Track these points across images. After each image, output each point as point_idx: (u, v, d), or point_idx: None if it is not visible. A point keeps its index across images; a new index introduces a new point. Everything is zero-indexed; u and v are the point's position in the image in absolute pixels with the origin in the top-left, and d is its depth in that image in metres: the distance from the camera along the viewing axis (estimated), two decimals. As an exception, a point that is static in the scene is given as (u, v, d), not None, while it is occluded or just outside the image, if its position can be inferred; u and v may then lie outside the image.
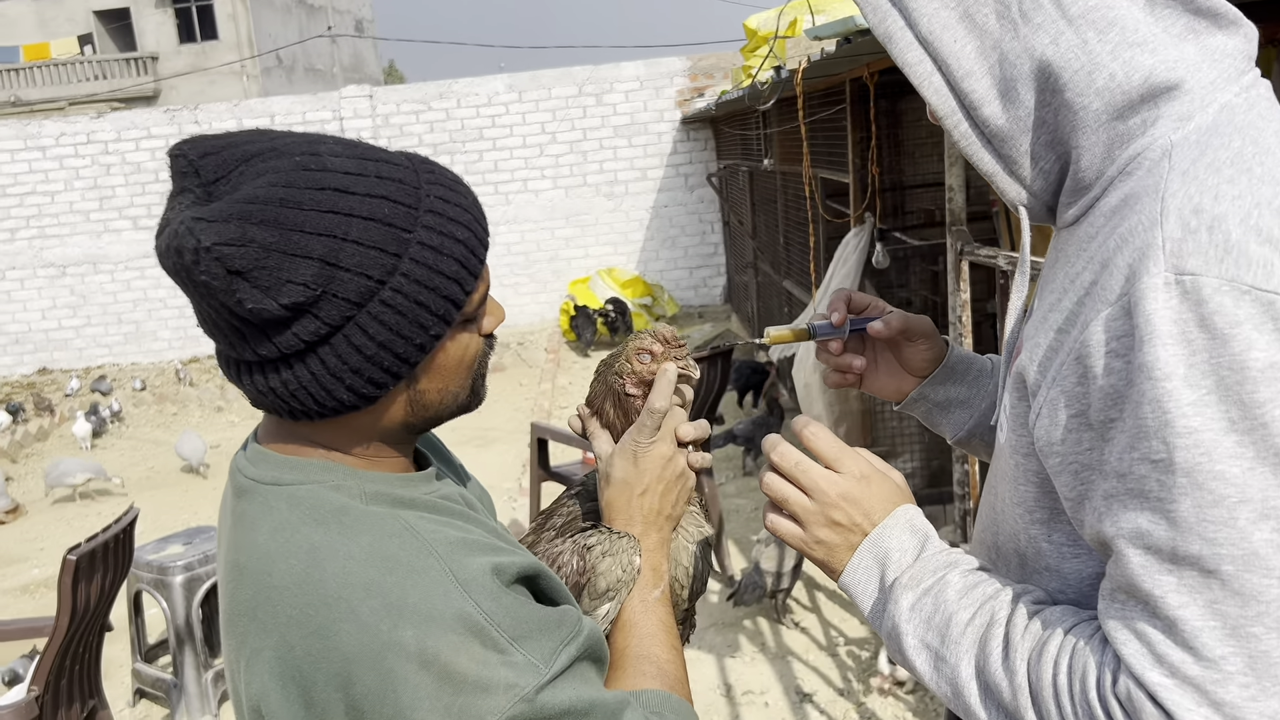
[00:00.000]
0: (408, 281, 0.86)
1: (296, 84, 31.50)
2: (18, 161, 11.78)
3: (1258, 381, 0.71)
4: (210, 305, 0.85)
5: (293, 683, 0.83)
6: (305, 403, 0.89)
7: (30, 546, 6.35)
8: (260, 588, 0.86)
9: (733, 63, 11.26)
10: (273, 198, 0.82)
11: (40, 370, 12.17)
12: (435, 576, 0.84)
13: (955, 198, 3.33)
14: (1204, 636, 0.73)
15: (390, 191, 0.87)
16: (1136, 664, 0.76)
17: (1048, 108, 0.86)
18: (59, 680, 2.90)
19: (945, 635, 0.90)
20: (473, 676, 0.80)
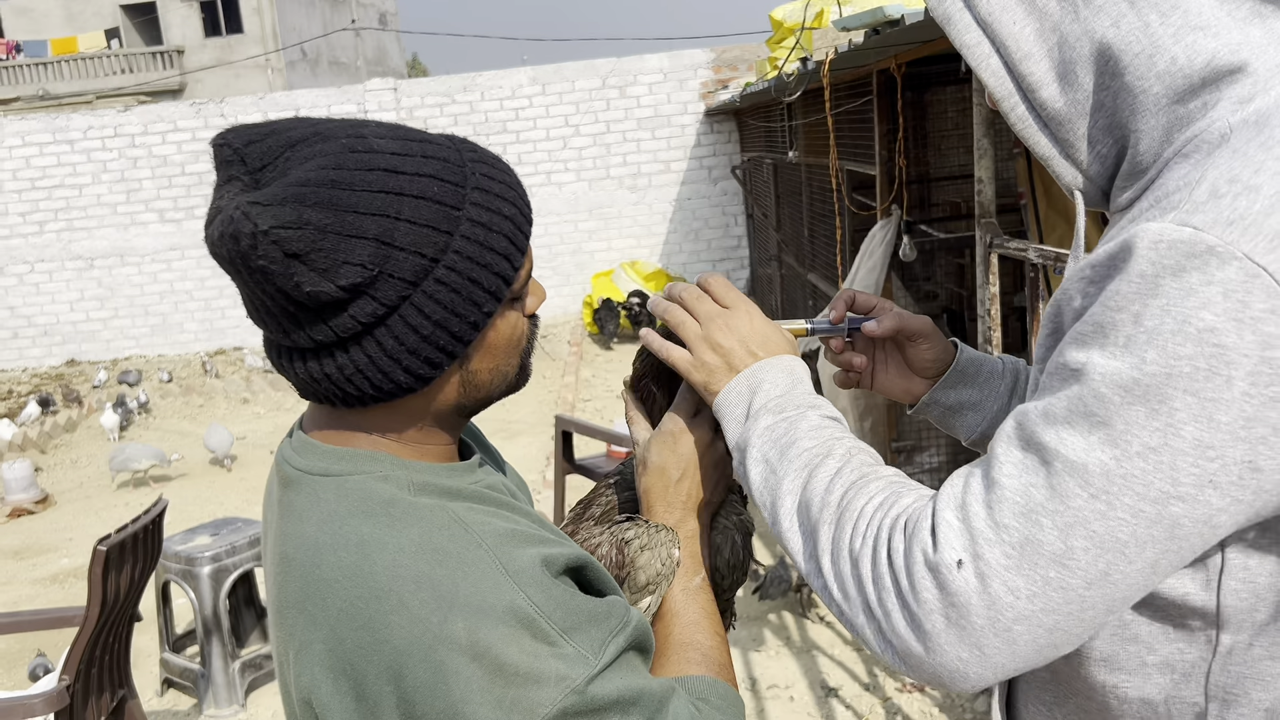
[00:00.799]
0: (460, 259, 0.87)
1: (321, 77, 31.64)
2: (46, 155, 11.89)
3: (1187, 339, 0.71)
4: (265, 291, 0.85)
5: (344, 676, 0.83)
6: (361, 387, 0.89)
7: (59, 536, 6.42)
8: (309, 580, 0.86)
9: (757, 54, 11.21)
10: (324, 180, 0.83)
11: (69, 362, 12.29)
12: (485, 569, 0.84)
13: (985, 190, 3.30)
14: (1005, 505, 0.77)
15: (437, 170, 0.87)
16: (943, 498, 0.82)
17: (1107, 91, 0.85)
18: (89, 669, 2.92)
19: (785, 453, 0.94)
20: (524, 668, 0.80)
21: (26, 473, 6.97)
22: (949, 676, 0.80)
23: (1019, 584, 0.76)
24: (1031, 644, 0.78)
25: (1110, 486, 0.74)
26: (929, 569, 0.79)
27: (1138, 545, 0.75)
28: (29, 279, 12.18)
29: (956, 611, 0.78)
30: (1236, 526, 0.76)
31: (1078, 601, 0.76)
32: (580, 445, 5.22)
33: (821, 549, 0.88)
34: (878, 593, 0.82)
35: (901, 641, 0.81)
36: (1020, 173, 4.58)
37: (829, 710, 3.53)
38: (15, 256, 12.10)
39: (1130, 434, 0.73)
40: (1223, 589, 0.83)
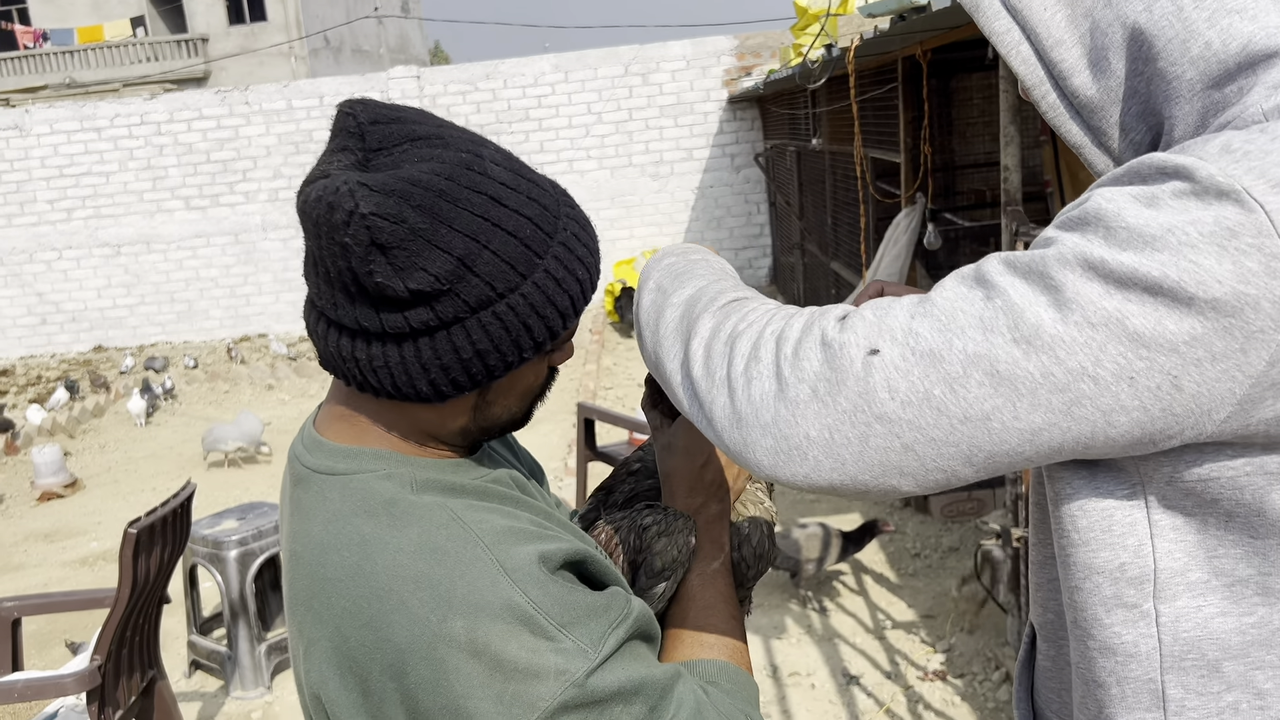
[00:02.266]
0: (524, 303, 0.89)
1: (344, 65, 31.72)
2: (74, 142, 11.99)
3: (1165, 246, 0.70)
4: (336, 264, 0.86)
5: (349, 673, 0.86)
6: (382, 381, 0.90)
7: (88, 520, 6.50)
8: (314, 579, 0.89)
9: (781, 41, 11.16)
10: (434, 186, 0.85)
11: (96, 348, 12.41)
12: (483, 567, 0.85)
13: (1011, 178, 3.28)
14: (928, 318, 0.76)
15: (535, 214, 0.90)
16: (870, 303, 0.81)
17: (1140, 77, 0.84)
18: (120, 650, 2.96)
19: (679, 277, 0.95)
20: (523, 664, 0.82)
21: (56, 457, 7.05)
22: (786, 456, 0.79)
23: (900, 385, 0.75)
24: (881, 453, 0.76)
25: (1035, 338, 0.72)
26: (822, 344, 0.78)
27: (1031, 404, 0.73)
28: (57, 266, 12.30)
29: (827, 386, 0.77)
30: (1128, 440, 0.75)
31: (945, 430, 0.75)
32: (602, 433, 5.24)
33: (696, 335, 0.87)
34: (748, 364, 0.81)
35: (753, 408, 0.79)
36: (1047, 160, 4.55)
37: (850, 698, 3.54)
38: (44, 243, 12.22)
39: (1076, 303, 0.72)
40: (1157, 551, 0.82)
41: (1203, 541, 0.81)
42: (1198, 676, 0.83)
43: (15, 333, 12.46)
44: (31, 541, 6.21)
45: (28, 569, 5.72)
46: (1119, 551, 0.83)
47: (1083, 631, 0.87)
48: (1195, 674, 0.83)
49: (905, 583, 4.36)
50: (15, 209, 12.14)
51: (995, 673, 3.56)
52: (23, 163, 12.04)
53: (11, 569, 5.74)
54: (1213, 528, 0.81)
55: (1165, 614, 0.83)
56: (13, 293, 12.35)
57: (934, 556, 4.63)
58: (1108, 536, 0.83)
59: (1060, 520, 0.86)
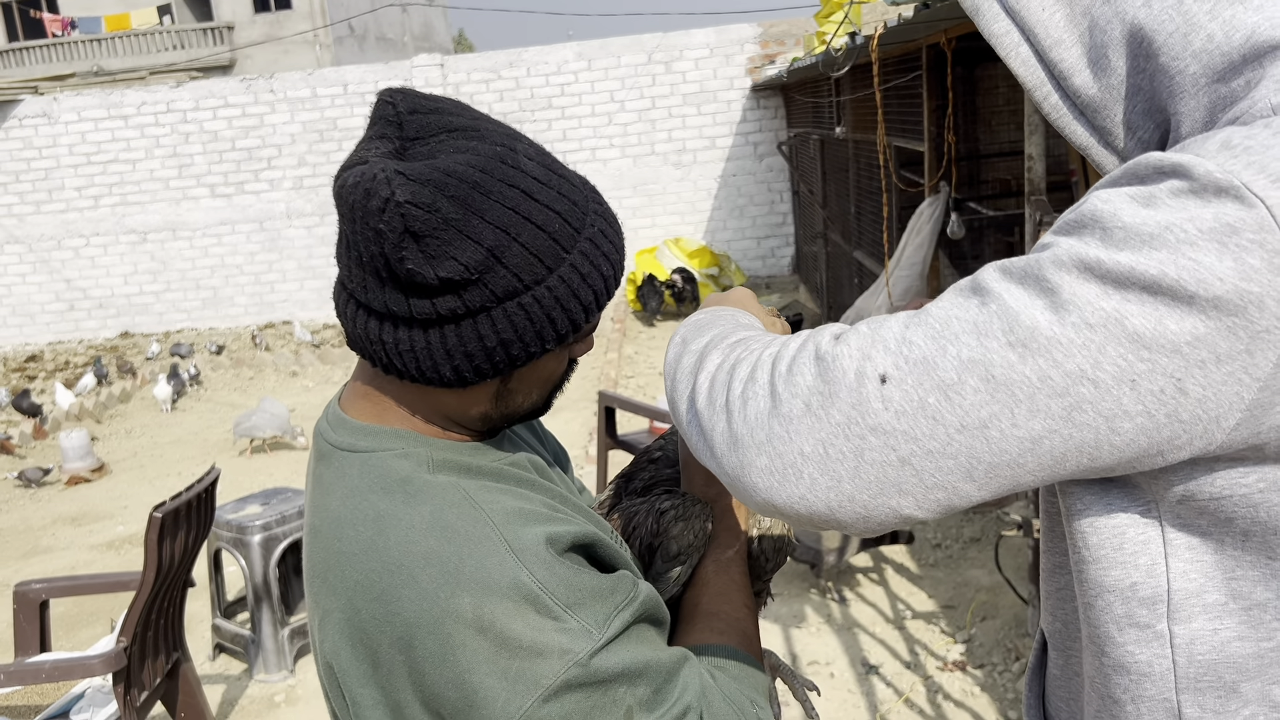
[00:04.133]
0: (549, 295, 0.91)
1: (368, 53, 31.79)
2: (101, 130, 12.09)
3: (1164, 244, 0.68)
4: (369, 249, 0.88)
5: (360, 644, 0.88)
6: (407, 364, 0.92)
7: (115, 504, 6.57)
8: (330, 552, 0.92)
9: (805, 29, 11.10)
10: (469, 178, 0.87)
11: (122, 334, 12.54)
12: (492, 546, 0.87)
13: (1035, 167, 3.25)
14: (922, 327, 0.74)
15: (564, 209, 0.92)
16: (867, 319, 0.79)
17: (1142, 74, 0.82)
18: (145, 633, 3.00)
19: (700, 329, 0.94)
20: (528, 642, 0.83)
21: (83, 442, 7.14)
22: (781, 475, 0.77)
23: (894, 395, 0.73)
24: (877, 468, 0.74)
25: (1031, 341, 0.70)
26: (816, 358, 0.77)
27: (1029, 410, 0.71)
28: (85, 252, 12.42)
29: (820, 400, 0.75)
30: (1135, 451, 0.72)
31: (942, 440, 0.72)
32: (623, 421, 5.25)
33: (703, 370, 0.86)
34: (745, 386, 0.80)
35: (748, 428, 0.78)
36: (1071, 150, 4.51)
37: (869, 687, 3.54)
38: (71, 230, 12.34)
39: (1074, 305, 0.70)
40: (1171, 571, 0.79)
41: (1220, 562, 0.78)
42: (1215, 697, 0.81)
43: (44, 319, 12.60)
44: (59, 525, 6.29)
45: (55, 551, 5.80)
46: (1130, 570, 0.81)
47: (1097, 648, 0.85)
48: (1212, 694, 0.81)
49: (926, 573, 4.35)
50: (44, 196, 12.26)
51: (1015, 663, 3.56)
52: (51, 150, 12.15)
53: (40, 551, 5.82)
54: (1229, 548, 0.78)
55: (1180, 635, 0.80)
56: (41, 279, 12.49)
57: (955, 547, 4.61)
58: (1119, 555, 0.81)
59: (1072, 535, 0.84)
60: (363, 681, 0.88)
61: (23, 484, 7.06)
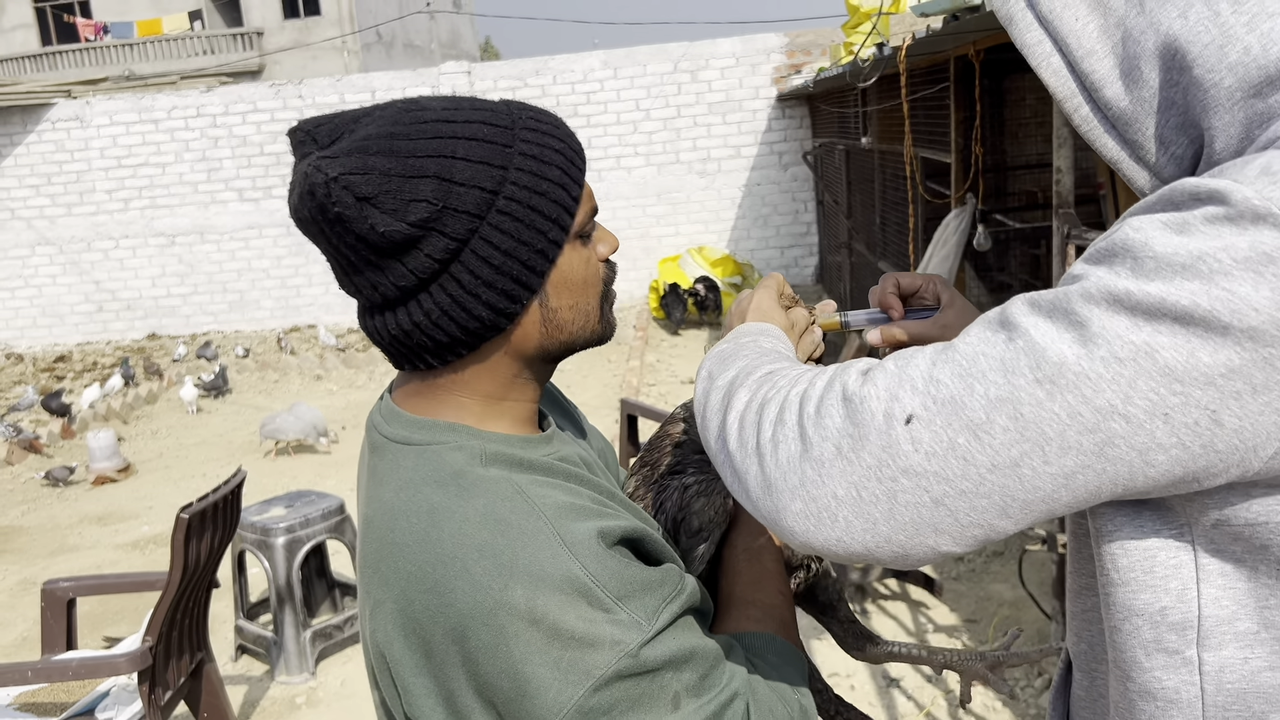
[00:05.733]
0: (518, 189, 0.93)
1: (395, 60, 32.00)
2: (132, 134, 12.23)
3: (1196, 275, 0.67)
4: (346, 242, 0.92)
5: (413, 634, 0.89)
6: (448, 330, 0.94)
7: (140, 504, 6.63)
8: (384, 543, 0.93)
9: (831, 39, 11.09)
10: (384, 134, 0.91)
11: (150, 336, 12.65)
12: (544, 539, 0.88)
13: (1063, 180, 3.24)
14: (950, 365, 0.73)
15: (486, 117, 0.95)
16: (893, 355, 0.79)
17: (1175, 87, 0.79)
18: (170, 632, 3.02)
19: (726, 361, 0.93)
20: (580, 633, 0.85)
21: (110, 442, 7.21)
22: (816, 519, 0.76)
23: (924, 437, 0.72)
24: (911, 509, 0.73)
25: (1060, 378, 0.69)
26: (844, 399, 0.76)
27: (1061, 448, 0.70)
28: (114, 254, 12.55)
29: (851, 443, 0.74)
30: (1170, 480, 0.71)
31: (975, 481, 0.71)
32: (645, 429, 5.25)
33: (732, 409, 0.85)
34: (775, 429, 0.79)
35: (780, 472, 0.77)
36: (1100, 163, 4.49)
37: (890, 700, 3.52)
38: (101, 232, 12.48)
39: (1103, 338, 0.68)
40: (1202, 597, 0.77)
41: (1253, 590, 0.77)
42: None
43: (73, 320, 12.74)
44: (86, 524, 6.35)
45: (82, 551, 5.86)
46: (1160, 595, 0.79)
47: (1123, 672, 0.84)
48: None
49: (948, 586, 4.33)
50: (75, 198, 12.40)
51: (1038, 679, 3.53)
52: (83, 153, 12.30)
53: (66, 550, 5.88)
54: (1264, 576, 0.76)
55: (1209, 662, 0.78)
56: (71, 280, 12.63)
57: (978, 561, 4.59)
58: (1149, 578, 0.79)
59: (1101, 557, 0.83)
60: (416, 671, 0.90)
61: (50, 483, 7.13)
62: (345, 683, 4.01)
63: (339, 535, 4.18)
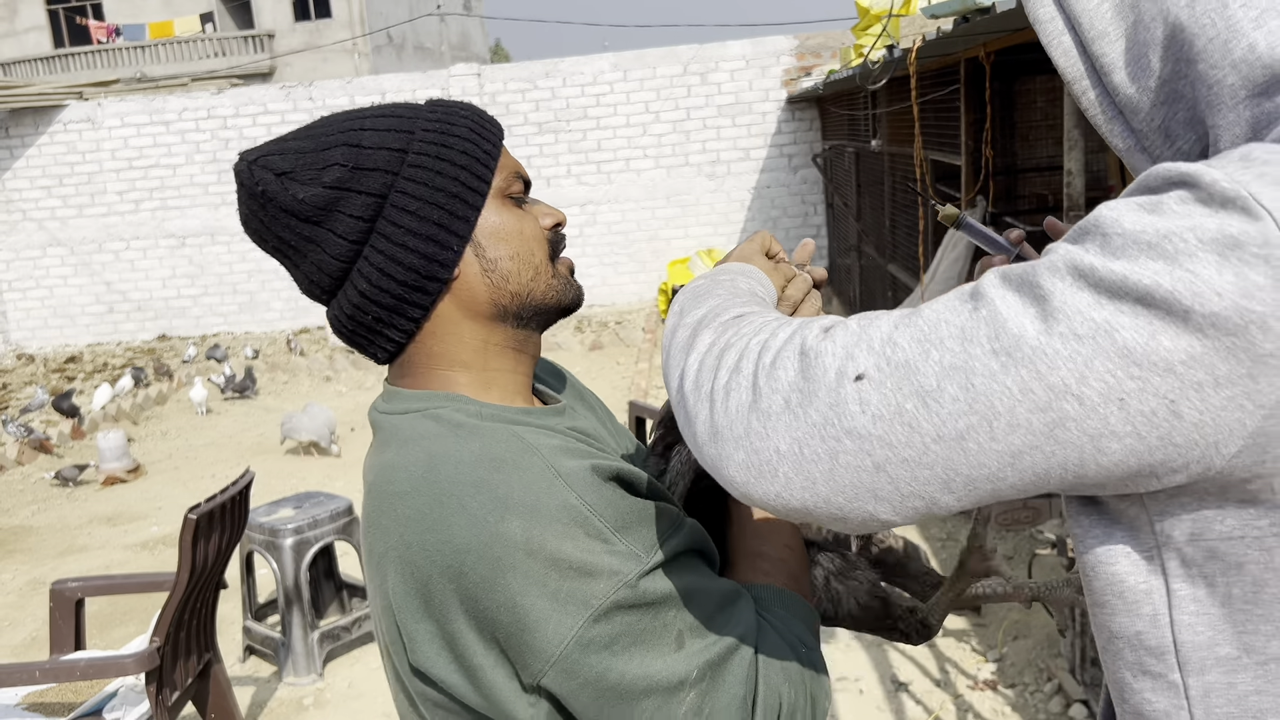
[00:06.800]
0: (426, 144, 0.99)
1: (406, 62, 32.07)
2: (143, 135, 12.27)
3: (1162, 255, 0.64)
4: (279, 223, 0.98)
5: (411, 577, 0.89)
6: (390, 289, 0.98)
7: (150, 505, 6.65)
8: (382, 496, 0.94)
9: (841, 41, 11.08)
10: (300, 132, 1.00)
11: (160, 337, 12.69)
12: (539, 473, 0.89)
13: (1074, 182, 3.23)
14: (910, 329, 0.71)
15: (393, 109, 1.02)
16: (829, 319, 0.77)
17: (1183, 80, 0.76)
18: (178, 633, 3.03)
19: (698, 298, 0.91)
20: (577, 563, 0.85)
21: (120, 443, 7.23)
22: (757, 471, 0.73)
23: (872, 398, 0.69)
24: (851, 472, 0.70)
25: (1016, 351, 0.66)
26: (800, 353, 0.74)
27: (1010, 424, 0.67)
28: (124, 256, 12.60)
29: (800, 398, 0.72)
30: (1125, 472, 0.68)
31: (918, 449, 0.69)
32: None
33: (694, 351, 0.83)
34: (730, 376, 0.77)
35: (728, 420, 0.75)
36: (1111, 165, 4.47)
37: (898, 704, 3.50)
38: (112, 234, 12.52)
39: (1063, 314, 0.65)
40: (1176, 624, 0.74)
41: (1229, 615, 0.73)
42: None
43: (84, 320, 12.79)
44: (95, 524, 6.37)
45: (91, 551, 5.87)
46: (1134, 619, 0.76)
47: (1118, 693, 0.81)
48: None
49: (957, 590, 4.31)
50: (86, 200, 12.45)
51: (1047, 684, 3.51)
52: (94, 155, 12.35)
53: (76, 550, 5.90)
54: (1238, 601, 0.72)
55: (1194, 687, 0.75)
56: (82, 281, 12.68)
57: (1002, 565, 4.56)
58: (1120, 603, 0.76)
59: (1082, 572, 0.80)
60: (417, 616, 0.89)
61: (60, 483, 7.16)
62: (353, 684, 4.01)
63: (347, 536, 4.18)
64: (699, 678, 0.86)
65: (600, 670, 0.85)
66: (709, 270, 1.00)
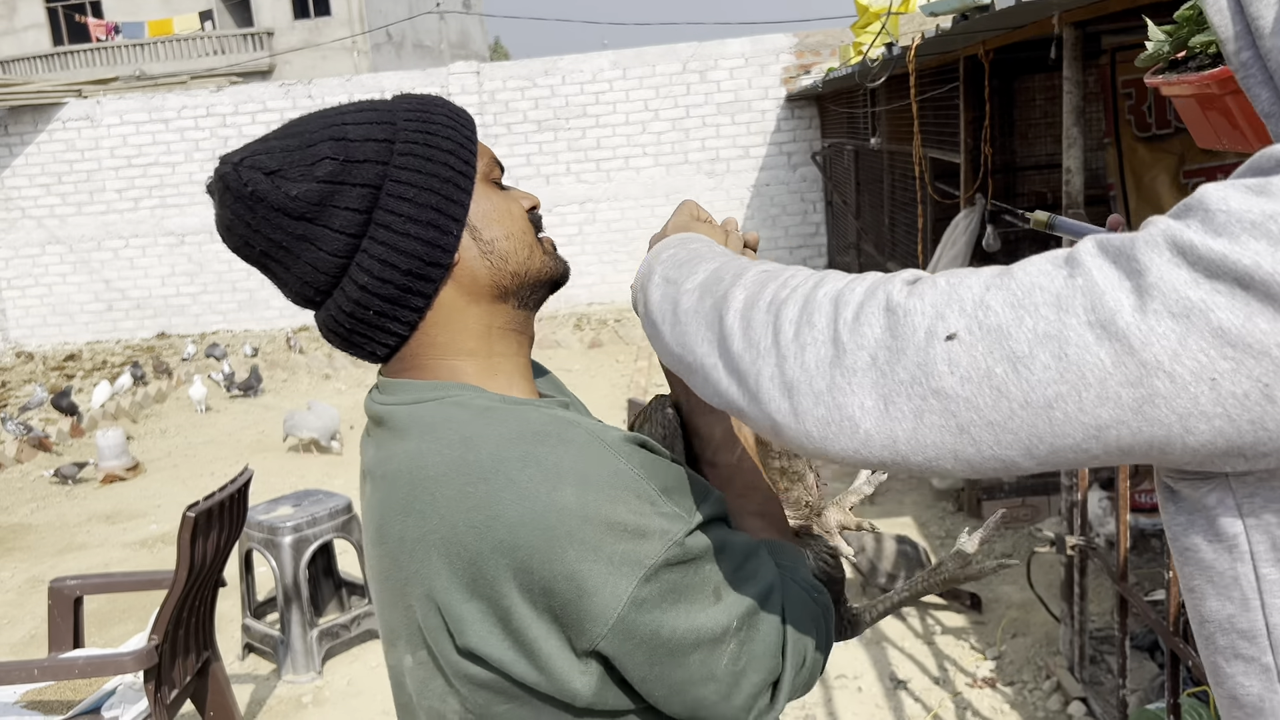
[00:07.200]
0: (411, 132, 0.99)
1: (405, 60, 32.05)
2: (142, 133, 12.26)
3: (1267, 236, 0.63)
4: (271, 224, 0.96)
5: (458, 558, 0.89)
6: (394, 279, 0.97)
7: (149, 503, 6.65)
8: (415, 481, 0.93)
9: (840, 39, 11.08)
10: (278, 133, 0.99)
11: (159, 335, 12.69)
12: (585, 441, 0.91)
13: (1073, 180, 3.23)
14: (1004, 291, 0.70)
15: (367, 104, 1.02)
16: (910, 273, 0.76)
17: None
18: (176, 631, 3.03)
19: (686, 264, 0.91)
20: (631, 526, 0.87)
21: (119, 440, 7.22)
22: (837, 427, 0.73)
23: (962, 359, 0.68)
24: (935, 432, 0.70)
25: (1110, 324, 0.65)
26: (886, 309, 0.72)
27: (1099, 396, 0.66)
28: (124, 254, 12.59)
29: (887, 355, 0.71)
30: (1209, 451, 0.67)
31: (1004, 414, 0.68)
32: (653, 429, 5.24)
33: (729, 309, 0.81)
34: (798, 329, 0.75)
35: (806, 375, 0.74)
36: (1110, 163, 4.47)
37: (897, 702, 3.51)
38: (111, 231, 12.52)
39: (1158, 290, 0.64)
40: (1267, 607, 0.73)
41: None
42: None
43: (83, 318, 12.78)
44: (94, 522, 6.37)
45: (90, 549, 5.87)
46: (1225, 603, 0.75)
47: (1213, 678, 0.80)
48: None
49: (956, 588, 4.32)
50: (85, 197, 12.44)
51: (1046, 682, 3.51)
52: (93, 152, 12.34)
53: (75, 548, 5.90)
54: None
55: None
56: (81, 279, 12.67)
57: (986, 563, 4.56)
58: (1210, 587, 0.75)
59: (1174, 557, 0.79)
60: (464, 597, 0.89)
61: (59, 480, 7.16)
62: (352, 682, 4.01)
63: (346, 534, 4.18)
64: (739, 627, 0.91)
65: (654, 628, 0.88)
66: (666, 241, 1.00)
